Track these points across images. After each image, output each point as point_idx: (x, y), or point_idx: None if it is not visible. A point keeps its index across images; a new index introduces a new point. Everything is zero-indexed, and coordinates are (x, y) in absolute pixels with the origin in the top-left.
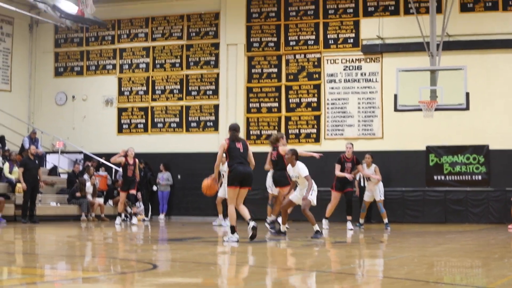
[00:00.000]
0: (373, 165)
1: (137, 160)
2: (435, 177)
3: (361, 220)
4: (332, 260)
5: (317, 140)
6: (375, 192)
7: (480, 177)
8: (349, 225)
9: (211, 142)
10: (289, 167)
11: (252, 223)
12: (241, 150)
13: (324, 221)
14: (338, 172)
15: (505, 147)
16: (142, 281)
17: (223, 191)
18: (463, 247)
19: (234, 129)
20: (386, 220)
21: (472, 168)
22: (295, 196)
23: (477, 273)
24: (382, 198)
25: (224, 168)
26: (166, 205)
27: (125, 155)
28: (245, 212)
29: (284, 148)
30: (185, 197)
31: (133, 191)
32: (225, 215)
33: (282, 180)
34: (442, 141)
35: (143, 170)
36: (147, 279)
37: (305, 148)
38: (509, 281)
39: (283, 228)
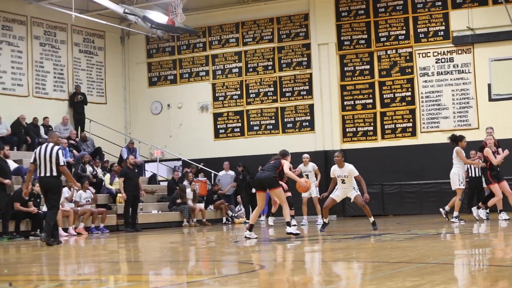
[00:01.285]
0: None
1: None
2: None
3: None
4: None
5: (413, 134)
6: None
7: None
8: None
9: (308, 142)
10: (335, 167)
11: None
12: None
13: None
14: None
15: None
16: (250, 282)
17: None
18: None
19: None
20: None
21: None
22: (337, 196)
23: None
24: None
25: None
26: (266, 206)
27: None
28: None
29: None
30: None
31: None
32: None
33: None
34: None
35: (241, 173)
36: (254, 279)
37: (402, 143)
38: None
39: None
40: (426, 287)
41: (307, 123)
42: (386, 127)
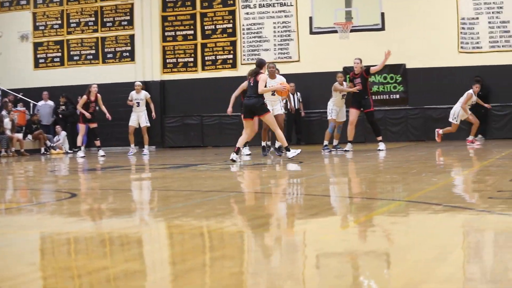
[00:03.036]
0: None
1: (99, 96)
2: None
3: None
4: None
5: (233, 66)
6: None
7: (398, 96)
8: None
9: (128, 72)
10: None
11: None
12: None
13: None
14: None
15: (422, 66)
16: (60, 210)
17: (135, 121)
18: (382, 164)
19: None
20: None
21: (389, 88)
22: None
23: (396, 188)
24: None
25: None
26: (86, 137)
27: (88, 92)
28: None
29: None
30: (104, 128)
31: (94, 125)
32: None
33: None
34: None
35: (65, 104)
36: (65, 207)
37: (222, 74)
38: (426, 193)
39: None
40: (234, 214)
41: (128, 54)
42: (207, 58)
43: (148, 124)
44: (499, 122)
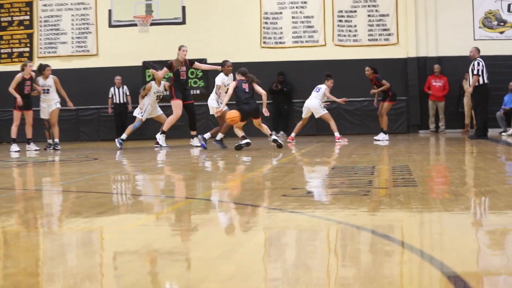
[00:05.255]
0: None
1: (33, 74)
2: None
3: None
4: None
5: (30, 59)
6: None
7: (199, 92)
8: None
9: None
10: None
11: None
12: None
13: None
14: None
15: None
16: None
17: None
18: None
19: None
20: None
21: (190, 83)
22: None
23: (189, 185)
24: None
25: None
26: None
27: (22, 69)
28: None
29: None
30: None
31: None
32: None
33: None
34: (159, 56)
35: None
36: None
37: (19, 68)
38: (219, 191)
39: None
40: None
41: None
42: (2, 51)
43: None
44: (301, 119)
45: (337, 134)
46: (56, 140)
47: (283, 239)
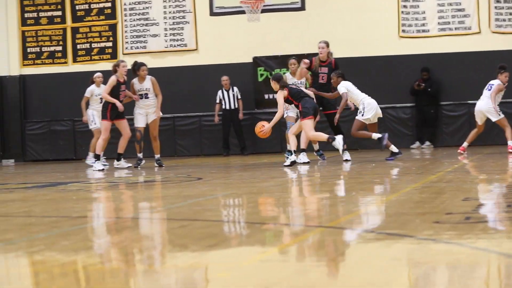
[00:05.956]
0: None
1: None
2: (266, 96)
3: None
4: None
5: (113, 56)
6: None
7: None
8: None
9: None
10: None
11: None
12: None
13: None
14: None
15: (352, 55)
16: None
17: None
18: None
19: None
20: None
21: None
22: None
23: (317, 211)
24: None
25: None
26: None
27: (114, 71)
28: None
29: None
30: None
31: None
32: None
33: None
34: (273, 51)
35: None
36: None
37: (99, 67)
38: (353, 218)
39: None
40: (109, 246)
41: None
42: (79, 47)
43: None
44: (451, 125)
45: (510, 142)
46: (157, 155)
47: (438, 277)
